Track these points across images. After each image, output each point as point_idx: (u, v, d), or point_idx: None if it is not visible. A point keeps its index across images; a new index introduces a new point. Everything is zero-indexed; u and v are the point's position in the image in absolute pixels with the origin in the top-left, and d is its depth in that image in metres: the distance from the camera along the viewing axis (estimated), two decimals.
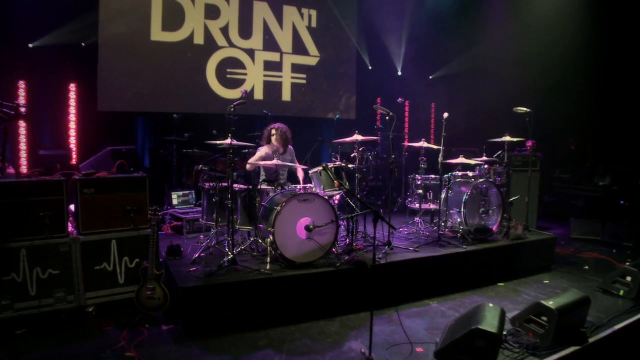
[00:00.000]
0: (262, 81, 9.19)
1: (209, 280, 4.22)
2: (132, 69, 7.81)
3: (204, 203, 5.37)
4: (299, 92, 9.59)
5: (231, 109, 4.52)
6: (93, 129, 7.18)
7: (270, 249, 4.60)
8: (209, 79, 8.62)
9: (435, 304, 5.06)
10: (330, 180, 5.05)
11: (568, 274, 6.02)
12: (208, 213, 5.29)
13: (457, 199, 5.94)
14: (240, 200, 5.06)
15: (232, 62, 8.81)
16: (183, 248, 5.13)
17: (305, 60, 9.70)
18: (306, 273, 4.55)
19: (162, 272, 4.38)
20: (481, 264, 5.58)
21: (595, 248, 7.19)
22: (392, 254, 5.20)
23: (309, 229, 4.64)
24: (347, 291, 4.72)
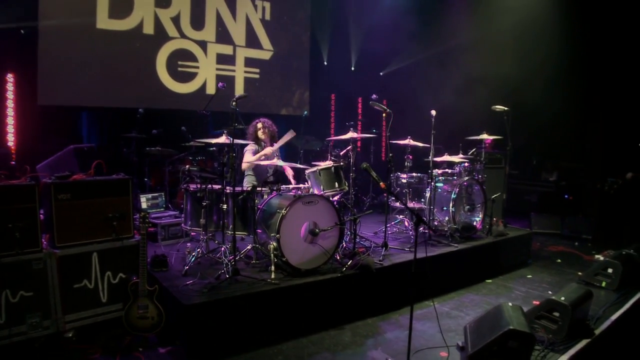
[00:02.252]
0: (215, 75, 8.72)
1: (213, 295, 3.86)
2: (75, 59, 7.07)
3: (187, 207, 4.93)
4: (252, 87, 9.23)
5: (233, 103, 4.14)
6: (35, 125, 6.38)
7: (273, 256, 4.29)
8: (159, 72, 8.02)
9: (437, 304, 5.02)
10: (332, 181, 4.83)
11: (546, 268, 6.26)
12: (193, 218, 4.87)
13: (442, 197, 5.94)
14: (232, 203, 4.68)
15: (183, 54, 8.27)
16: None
17: (259, 54, 9.35)
18: (313, 281, 4.33)
19: (156, 288, 3.92)
20: (471, 262, 5.63)
21: (558, 242, 7.57)
22: (389, 256, 5.08)
23: (314, 233, 4.41)
24: (352, 297, 4.57)
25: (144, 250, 3.93)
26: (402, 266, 4.95)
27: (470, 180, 6.02)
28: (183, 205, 6.45)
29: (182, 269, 4.47)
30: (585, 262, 6.48)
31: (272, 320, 4.07)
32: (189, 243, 4.82)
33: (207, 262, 4.68)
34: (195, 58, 8.42)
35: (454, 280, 5.45)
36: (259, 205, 4.57)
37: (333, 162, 4.97)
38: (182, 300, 3.74)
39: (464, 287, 5.47)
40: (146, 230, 3.96)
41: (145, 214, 4.00)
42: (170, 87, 8.13)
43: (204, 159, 6.95)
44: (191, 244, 4.82)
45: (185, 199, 4.97)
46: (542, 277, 5.91)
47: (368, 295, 4.68)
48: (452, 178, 6.23)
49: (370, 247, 5.10)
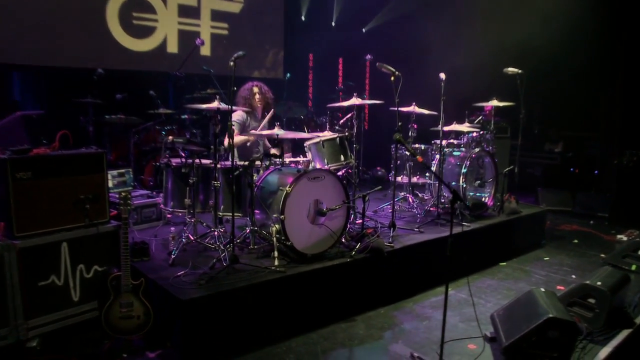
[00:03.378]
0: (177, 30, 8.42)
1: (213, 287, 3.74)
2: (5, 8, 6.65)
3: (167, 185, 4.76)
4: (219, 45, 8.97)
5: (231, 62, 3.96)
6: None
7: (275, 241, 4.20)
8: (110, 25, 7.67)
9: (451, 290, 5.05)
10: (336, 153, 4.76)
11: (562, 250, 6.41)
12: (175, 198, 4.71)
13: (448, 171, 5.97)
14: (224, 180, 4.55)
15: (138, 4, 7.92)
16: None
17: (227, 7, 9.07)
18: (321, 267, 4.27)
19: (142, 281, 3.77)
20: (483, 244, 5.70)
21: (570, 220, 7.76)
22: (398, 237, 5.09)
23: (322, 213, 4.33)
24: (362, 284, 4.56)
25: (125, 237, 3.75)
26: (414, 248, 4.96)
27: (481, 152, 6.06)
28: (152, 182, 6.37)
29: (166, 258, 4.32)
30: (606, 242, 6.66)
31: (278, 314, 4.00)
32: (172, 227, 4.65)
33: (194, 249, 4.54)
34: (153, 9, 8.08)
35: (467, 264, 5.50)
36: (257, 182, 4.44)
37: (338, 132, 4.88)
38: (177, 295, 3.61)
39: (477, 271, 5.55)
40: (128, 214, 3.79)
41: (126, 193, 3.82)
42: (124, 43, 7.79)
43: (175, 129, 6.74)
44: (175, 229, 4.65)
45: (166, 176, 4.79)
46: (561, 259, 6.05)
47: (379, 282, 4.67)
48: (459, 150, 6.26)
49: (377, 228, 5.07)
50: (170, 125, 6.80)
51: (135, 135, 6.59)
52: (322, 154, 4.80)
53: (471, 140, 6.32)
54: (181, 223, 5.33)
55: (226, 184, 4.61)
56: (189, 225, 4.61)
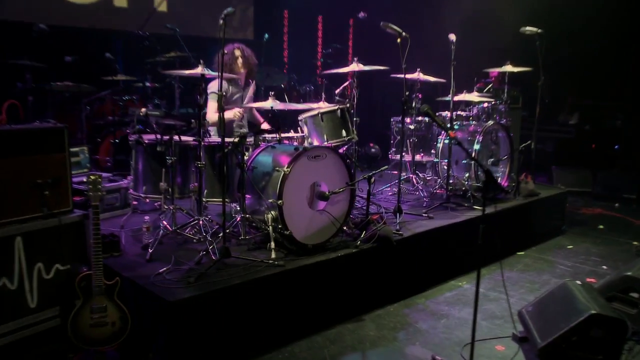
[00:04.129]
0: None
1: (204, 285, 3.74)
2: None
3: (138, 166, 4.72)
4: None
5: (221, 20, 3.92)
6: None
7: (272, 230, 4.23)
8: None
9: (466, 284, 5.19)
10: (337, 128, 4.78)
11: (587, 236, 6.61)
12: (148, 182, 4.70)
13: (456, 148, 6.05)
14: (207, 161, 4.54)
15: None
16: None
17: None
18: (325, 259, 4.31)
19: (117, 281, 3.73)
20: (496, 229, 5.81)
21: (591, 202, 7.99)
22: (405, 224, 5.18)
23: (324, 197, 4.36)
24: (368, 278, 4.63)
25: (97, 228, 3.68)
26: (424, 237, 5.05)
27: (494, 125, 6.16)
28: (110, 163, 6.28)
29: (141, 253, 4.30)
30: (638, 227, 6.86)
31: (277, 314, 4.03)
32: (146, 216, 4.61)
33: (172, 241, 4.53)
34: None
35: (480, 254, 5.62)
36: (247, 163, 4.43)
37: (338, 103, 4.89)
38: (161, 296, 3.59)
39: (493, 261, 5.66)
40: (98, 200, 3.74)
41: (96, 177, 3.76)
42: None
43: (135, 99, 6.65)
44: (149, 218, 4.62)
45: (136, 155, 4.75)
46: (587, 247, 6.23)
47: (386, 276, 4.74)
48: (468, 123, 6.35)
49: (382, 214, 5.14)
50: (130, 95, 6.71)
51: (87, 107, 6.47)
52: (321, 129, 4.80)
53: (482, 112, 6.43)
54: (151, 211, 5.32)
55: (210, 164, 4.59)
56: (167, 214, 4.57)
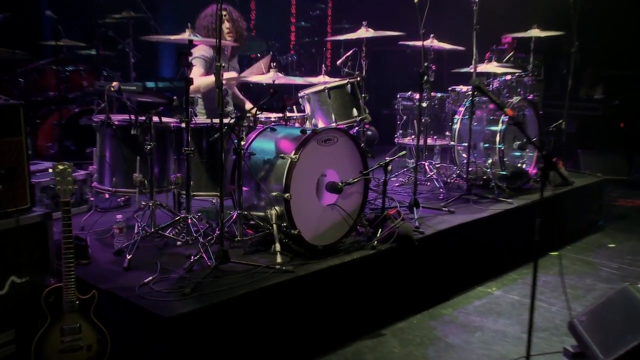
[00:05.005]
0: None
1: (204, 297, 3.76)
2: None
3: (105, 154, 4.75)
4: None
5: None
6: None
7: (276, 229, 4.29)
8: None
9: (497, 291, 5.34)
10: (347, 106, 4.86)
11: (630, 233, 6.80)
12: (118, 172, 4.72)
13: (476, 129, 6.20)
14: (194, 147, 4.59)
15: None
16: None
17: None
18: (339, 264, 4.39)
19: (94, 294, 3.74)
20: (527, 226, 5.97)
21: (629, 192, 8.20)
22: (424, 220, 5.32)
23: (336, 189, 4.43)
24: (385, 285, 4.74)
25: (68, 230, 3.67)
26: (448, 235, 5.18)
27: (521, 102, 6.31)
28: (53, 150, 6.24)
29: (114, 259, 4.32)
30: None
31: (286, 329, 4.09)
32: (119, 215, 4.62)
33: (150, 245, 4.56)
34: None
35: (509, 254, 5.79)
36: (245, 149, 4.48)
37: (347, 76, 4.97)
38: (154, 311, 3.60)
39: (524, 263, 5.84)
40: (69, 195, 3.74)
41: (65, 166, 3.75)
42: None
43: (82, 70, 6.62)
44: (122, 216, 4.63)
45: (102, 140, 4.76)
46: (632, 245, 6.42)
47: (406, 282, 4.86)
48: (487, 99, 6.49)
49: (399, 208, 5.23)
50: (75, 65, 6.68)
51: (21, 80, 6.40)
52: (327, 108, 4.87)
53: (503, 86, 6.57)
54: (115, 208, 5.34)
55: (197, 151, 4.63)
56: (143, 211, 4.61)
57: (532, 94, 6.60)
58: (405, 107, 6.79)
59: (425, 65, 5.20)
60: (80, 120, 6.48)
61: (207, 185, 4.78)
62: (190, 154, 4.43)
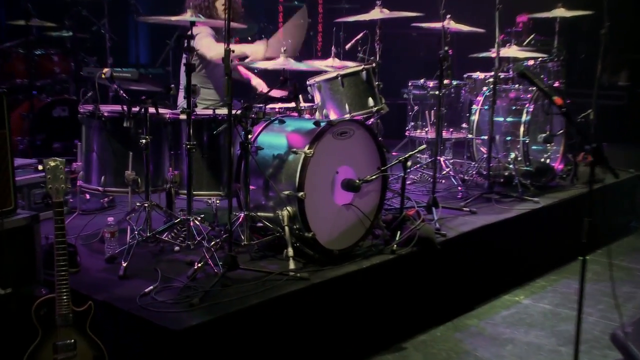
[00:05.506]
0: None
1: (215, 308, 3.81)
2: None
3: (92, 148, 4.83)
4: None
5: None
6: None
7: (288, 231, 4.36)
8: None
9: (525, 299, 5.45)
10: (362, 95, 4.95)
11: None
12: (108, 170, 4.78)
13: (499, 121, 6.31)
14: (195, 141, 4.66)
15: None
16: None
17: None
18: (357, 270, 4.46)
19: (90, 306, 3.78)
20: (555, 228, 6.11)
21: None
22: (444, 221, 5.42)
23: (353, 187, 4.49)
24: (405, 293, 4.83)
25: (61, 234, 3.71)
26: (471, 237, 5.29)
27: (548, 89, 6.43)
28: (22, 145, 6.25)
29: (106, 267, 4.39)
30: None
31: (300, 341, 4.16)
32: (110, 217, 4.66)
33: (144, 251, 4.62)
34: None
35: (536, 259, 5.91)
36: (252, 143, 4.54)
37: (362, 61, 5.05)
38: (162, 324, 3.65)
39: (552, 268, 5.97)
40: (63, 196, 3.78)
41: (56, 162, 3.79)
42: None
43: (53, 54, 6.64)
44: (113, 219, 4.68)
45: (89, 134, 4.82)
46: None
47: (427, 290, 4.95)
48: (507, 87, 6.60)
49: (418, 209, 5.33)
50: (44, 49, 6.70)
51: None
52: (340, 97, 4.94)
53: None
54: (98, 211, 5.38)
55: (198, 145, 4.69)
56: (138, 213, 4.67)
57: (558, 81, 6.71)
58: (416, 96, 6.87)
59: (445, 49, 5.27)
60: (54, 112, 6.51)
61: (209, 183, 4.83)
62: (192, 148, 4.49)
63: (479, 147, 6.54)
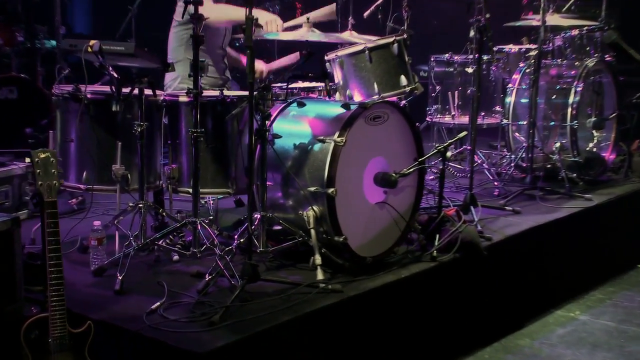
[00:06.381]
0: None
1: (239, 325, 3.88)
2: None
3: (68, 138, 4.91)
4: None
5: None
6: None
7: (315, 235, 4.47)
8: None
9: (582, 315, 5.61)
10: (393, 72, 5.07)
11: None
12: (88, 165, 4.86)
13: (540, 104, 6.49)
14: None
15: None
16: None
17: None
18: (395, 280, 4.58)
19: (90, 326, 3.87)
20: (610, 230, 6.30)
21: None
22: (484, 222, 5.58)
23: (389, 182, 4.60)
24: (445, 307, 4.98)
25: (55, 241, 3.78)
26: (518, 241, 5.45)
27: (598, 64, 6.60)
28: None
29: (95, 281, 4.48)
30: None
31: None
32: (97, 222, 4.74)
33: (137, 261, 4.71)
34: None
35: (588, 266, 6.10)
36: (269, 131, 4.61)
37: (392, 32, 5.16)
38: (181, 346, 3.71)
39: (607, 278, 6.14)
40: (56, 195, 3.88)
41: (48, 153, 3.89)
42: None
43: None
44: (100, 224, 4.72)
45: (64, 120, 4.91)
46: None
47: (469, 303, 5.11)
48: (548, 62, 6.76)
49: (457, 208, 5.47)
50: None
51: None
52: (367, 75, 5.06)
53: (568, 44, 6.86)
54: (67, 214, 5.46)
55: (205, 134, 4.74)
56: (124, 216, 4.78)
57: (609, 55, 6.87)
58: (437, 74, 7.03)
59: (487, 17, 5.40)
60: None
61: (215, 179, 4.93)
62: (199, 137, 4.56)
63: (515, 134, 6.66)
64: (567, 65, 6.70)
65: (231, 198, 5.95)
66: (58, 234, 3.78)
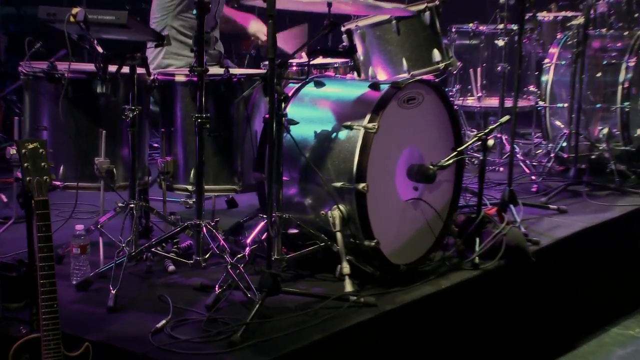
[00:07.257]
0: None
1: (262, 345, 3.98)
2: None
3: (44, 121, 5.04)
4: None
5: None
6: None
7: (342, 240, 4.60)
8: None
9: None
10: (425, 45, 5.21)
11: None
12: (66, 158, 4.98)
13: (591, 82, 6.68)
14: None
15: None
16: None
17: None
18: (434, 292, 4.73)
19: (88, 349, 4.02)
20: None
21: None
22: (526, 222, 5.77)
23: (427, 175, 4.72)
24: (487, 322, 5.14)
25: (47, 247, 3.87)
26: (569, 245, 5.65)
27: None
28: None
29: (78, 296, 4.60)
30: None
31: None
32: (79, 225, 4.83)
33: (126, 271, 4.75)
34: None
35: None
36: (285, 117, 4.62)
37: None
38: None
39: None
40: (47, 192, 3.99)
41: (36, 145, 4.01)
42: None
43: None
44: (82, 228, 4.78)
45: (36, 103, 5.00)
46: None
47: (513, 318, 5.27)
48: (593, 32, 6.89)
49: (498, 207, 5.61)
50: None
51: None
52: (395, 49, 5.22)
53: (612, 10, 7.02)
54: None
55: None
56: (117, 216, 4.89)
57: None
58: (457, 48, 7.21)
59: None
60: None
61: (219, 175, 5.06)
62: (205, 123, 4.63)
63: (553, 120, 6.87)
64: (613, 36, 6.81)
65: (222, 198, 6.03)
66: (50, 239, 3.80)
